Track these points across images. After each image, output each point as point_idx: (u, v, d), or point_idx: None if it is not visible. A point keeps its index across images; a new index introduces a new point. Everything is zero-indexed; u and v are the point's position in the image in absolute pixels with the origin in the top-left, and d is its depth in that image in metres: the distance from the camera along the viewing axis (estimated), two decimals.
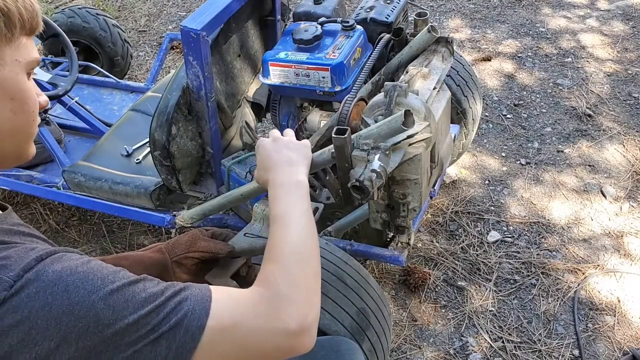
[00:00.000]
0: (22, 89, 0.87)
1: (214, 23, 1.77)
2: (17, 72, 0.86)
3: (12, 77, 0.85)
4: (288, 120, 2.12)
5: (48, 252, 0.80)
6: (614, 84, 3.24)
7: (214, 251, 1.24)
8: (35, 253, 0.79)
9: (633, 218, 2.46)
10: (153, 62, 3.07)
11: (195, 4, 4.33)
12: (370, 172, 1.39)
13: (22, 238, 0.85)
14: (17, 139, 0.89)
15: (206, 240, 1.26)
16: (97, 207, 2.23)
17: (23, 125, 0.89)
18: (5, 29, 0.83)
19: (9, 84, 0.85)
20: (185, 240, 1.25)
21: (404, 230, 1.79)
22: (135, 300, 0.78)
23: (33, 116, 0.90)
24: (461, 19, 3.92)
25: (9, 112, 0.86)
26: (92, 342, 0.75)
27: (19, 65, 0.86)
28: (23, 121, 0.89)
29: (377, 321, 1.49)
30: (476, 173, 2.72)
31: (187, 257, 1.23)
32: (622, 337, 2.03)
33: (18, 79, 0.86)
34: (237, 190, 1.74)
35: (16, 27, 0.84)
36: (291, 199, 1.05)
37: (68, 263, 0.79)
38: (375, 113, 1.57)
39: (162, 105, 1.84)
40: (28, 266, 0.76)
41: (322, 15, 2.08)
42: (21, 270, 0.75)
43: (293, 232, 1.00)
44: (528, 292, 2.20)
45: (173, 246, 1.25)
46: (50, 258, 0.79)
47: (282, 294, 0.88)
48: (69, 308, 0.74)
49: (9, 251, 0.79)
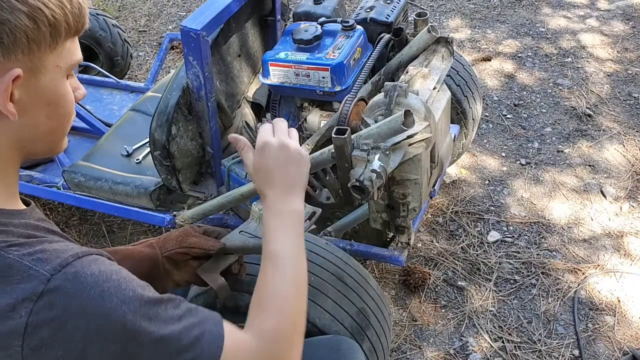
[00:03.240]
0: (60, 94, 0.87)
1: (214, 23, 1.77)
2: (58, 77, 0.86)
3: (51, 84, 0.85)
4: (288, 120, 2.12)
5: (84, 251, 0.82)
6: (614, 84, 3.24)
7: (205, 247, 1.24)
8: (72, 250, 0.80)
9: (633, 218, 2.46)
10: (153, 62, 3.07)
11: (195, 4, 4.33)
12: (370, 172, 1.39)
13: (49, 235, 0.86)
14: (49, 138, 0.90)
15: (197, 236, 1.26)
16: (97, 207, 2.23)
17: (57, 127, 0.90)
18: (50, 39, 0.82)
19: (48, 90, 0.85)
20: (175, 236, 1.25)
21: (404, 230, 1.79)
22: (159, 319, 0.82)
23: (68, 117, 0.91)
24: (461, 19, 3.92)
25: (44, 117, 0.86)
26: (116, 348, 0.78)
27: (60, 70, 0.86)
28: (57, 123, 0.90)
29: (377, 321, 1.49)
30: (476, 173, 2.72)
31: (177, 253, 1.23)
32: (622, 337, 2.03)
33: (57, 84, 0.86)
34: (237, 190, 1.74)
35: (61, 35, 0.84)
36: (287, 235, 1.05)
37: (104, 267, 0.81)
38: (375, 113, 1.57)
39: (162, 105, 1.84)
40: (65, 262, 0.78)
41: (322, 15, 2.08)
42: (58, 265, 0.77)
43: (287, 275, 1.00)
44: (528, 292, 2.20)
45: (164, 241, 1.25)
46: (87, 258, 0.81)
47: (281, 343, 0.93)
48: (102, 313, 0.77)
49: (44, 245, 0.80)
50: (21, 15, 0.78)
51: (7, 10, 0.77)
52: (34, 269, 0.76)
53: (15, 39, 0.78)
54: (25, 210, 0.89)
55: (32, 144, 0.89)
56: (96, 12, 3.13)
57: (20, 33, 0.78)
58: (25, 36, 0.79)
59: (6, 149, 0.85)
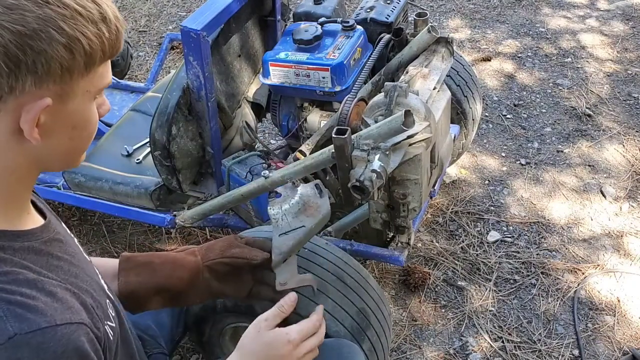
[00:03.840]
0: (86, 117, 0.86)
1: (214, 23, 1.77)
2: (86, 101, 0.85)
3: (79, 108, 0.84)
4: (288, 120, 2.12)
5: (64, 319, 0.78)
6: (614, 84, 3.24)
7: (248, 257, 1.23)
8: (53, 316, 0.77)
9: (633, 218, 2.46)
10: (153, 62, 3.07)
11: (195, 4, 4.33)
12: (371, 172, 1.39)
13: (47, 272, 0.83)
14: (69, 158, 0.90)
15: (241, 246, 1.26)
16: (97, 207, 2.23)
17: (78, 147, 0.89)
18: (83, 67, 0.80)
19: (75, 115, 0.84)
20: (220, 246, 1.25)
21: (404, 230, 1.79)
22: None
23: (89, 139, 0.90)
24: (461, 19, 3.92)
25: (67, 139, 0.85)
26: None
27: (89, 94, 0.84)
28: (79, 144, 0.89)
29: (377, 321, 1.49)
30: (476, 173, 2.73)
31: (220, 263, 1.22)
32: (622, 337, 2.03)
33: (84, 108, 0.85)
34: (237, 190, 1.74)
35: (95, 63, 0.82)
36: None
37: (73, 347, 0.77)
38: (376, 113, 1.57)
39: (163, 105, 1.84)
40: (37, 326, 0.75)
41: (322, 15, 2.08)
42: (27, 326, 0.74)
43: None
44: (528, 292, 2.20)
45: (207, 250, 1.24)
46: (62, 331, 0.77)
47: None
48: None
49: (31, 291, 0.77)
50: (59, 47, 0.76)
51: (45, 41, 0.75)
52: (3, 319, 0.74)
53: (49, 69, 0.76)
54: (35, 230, 0.87)
55: (50, 163, 0.88)
56: None
57: (55, 63, 0.76)
58: (60, 66, 0.77)
59: (24, 169, 0.84)
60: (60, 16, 0.75)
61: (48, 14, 0.74)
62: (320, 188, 1.32)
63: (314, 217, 1.28)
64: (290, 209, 1.28)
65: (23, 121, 0.77)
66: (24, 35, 0.73)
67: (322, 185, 1.33)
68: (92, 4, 0.79)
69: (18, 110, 0.77)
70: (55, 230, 0.92)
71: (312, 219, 1.28)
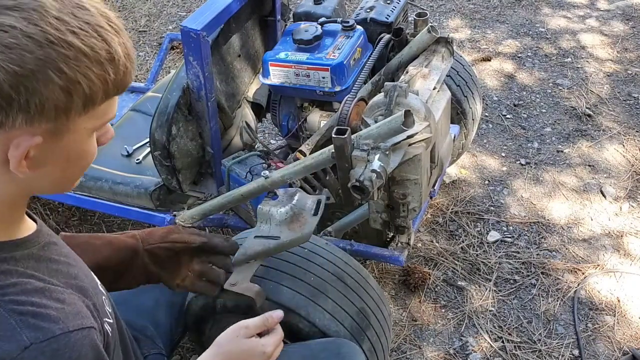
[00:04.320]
0: (81, 151, 0.82)
1: (214, 23, 1.77)
2: (83, 137, 0.81)
3: (74, 144, 0.80)
4: (288, 120, 2.12)
5: (75, 325, 0.79)
6: (614, 84, 3.24)
7: (187, 240, 1.25)
8: (64, 322, 0.77)
9: (633, 218, 2.46)
10: (153, 62, 3.07)
11: (195, 4, 4.33)
12: (370, 172, 1.39)
13: (51, 278, 0.83)
14: (60, 187, 0.87)
15: (180, 232, 1.27)
16: (97, 207, 2.23)
17: (70, 177, 0.86)
18: (81, 108, 0.76)
19: (69, 150, 0.80)
20: (161, 232, 1.26)
21: (404, 230, 1.79)
22: None
23: (84, 169, 0.87)
24: (461, 19, 3.92)
25: (59, 171, 0.82)
26: None
27: (87, 130, 0.80)
28: (72, 175, 0.86)
29: (377, 321, 1.49)
30: (476, 173, 2.73)
31: (158, 247, 1.23)
32: (622, 337, 2.03)
33: (81, 143, 0.81)
34: (237, 190, 1.74)
35: (95, 103, 0.78)
36: None
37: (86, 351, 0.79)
38: (375, 113, 1.57)
39: (163, 105, 1.84)
40: (51, 334, 0.75)
41: (322, 15, 2.08)
42: (42, 335, 0.75)
43: None
44: (528, 292, 2.20)
45: (148, 235, 1.26)
46: (75, 335, 0.78)
47: None
48: None
49: (41, 300, 0.77)
50: (55, 89, 0.72)
51: (41, 82, 0.71)
52: (17, 330, 0.74)
53: (42, 109, 0.72)
54: (31, 237, 0.86)
55: (41, 190, 0.87)
56: None
57: (50, 104, 0.72)
58: (55, 107, 0.73)
59: (17, 195, 0.82)
60: (62, 57, 0.72)
61: (49, 55, 0.71)
62: (319, 207, 1.30)
63: (294, 233, 1.27)
64: (278, 215, 1.28)
65: (11, 155, 0.75)
66: (20, 76, 0.70)
67: (323, 205, 1.31)
68: (102, 42, 0.75)
69: (7, 144, 0.74)
70: (48, 233, 0.91)
71: (291, 233, 1.27)
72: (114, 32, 0.78)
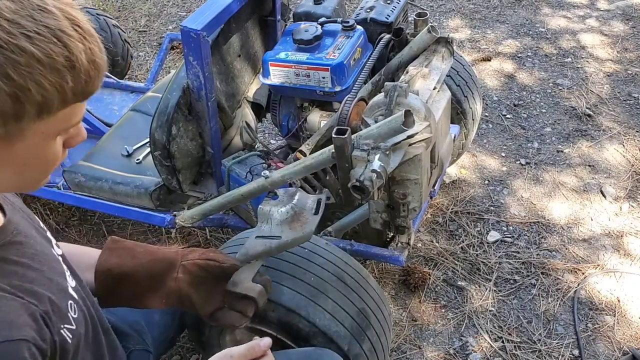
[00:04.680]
0: (41, 156, 0.79)
1: (214, 23, 1.77)
2: (41, 142, 0.77)
3: (30, 148, 0.76)
4: (288, 120, 2.12)
5: (7, 336, 0.75)
6: (614, 84, 3.24)
7: (220, 260, 1.25)
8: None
9: (633, 218, 2.46)
10: (153, 62, 3.07)
11: (195, 4, 4.33)
12: (371, 172, 1.39)
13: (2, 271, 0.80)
14: (20, 188, 0.84)
15: (217, 252, 1.28)
16: (97, 207, 2.23)
17: (30, 179, 0.83)
18: (35, 115, 0.72)
19: (25, 154, 0.77)
20: (200, 250, 1.27)
21: (404, 230, 1.79)
22: None
23: (47, 173, 0.83)
24: (461, 19, 3.92)
25: (12, 174, 0.79)
26: None
27: (46, 136, 0.76)
28: (31, 177, 0.83)
29: (377, 321, 1.49)
30: (476, 173, 2.73)
31: (195, 264, 1.23)
32: (622, 337, 2.03)
33: (39, 147, 0.77)
34: (237, 190, 1.74)
35: (51, 110, 0.73)
36: None
37: None
38: (376, 113, 1.57)
39: (163, 105, 1.84)
40: None
41: (322, 15, 2.08)
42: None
43: None
44: (528, 292, 2.20)
45: (189, 251, 1.26)
46: (6, 347, 0.75)
47: None
48: None
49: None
50: (2, 95, 0.68)
51: None
52: None
53: None
54: None
55: (3, 190, 0.83)
56: (96, 12, 3.13)
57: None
58: (1, 114, 0.69)
59: None
60: (12, 63, 0.67)
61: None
62: (320, 206, 1.30)
63: (295, 232, 1.27)
64: (279, 215, 1.28)
65: None
66: None
67: (323, 204, 1.31)
68: (61, 48, 0.71)
69: None
70: (14, 232, 0.87)
71: (292, 233, 1.27)
72: (80, 37, 0.73)
